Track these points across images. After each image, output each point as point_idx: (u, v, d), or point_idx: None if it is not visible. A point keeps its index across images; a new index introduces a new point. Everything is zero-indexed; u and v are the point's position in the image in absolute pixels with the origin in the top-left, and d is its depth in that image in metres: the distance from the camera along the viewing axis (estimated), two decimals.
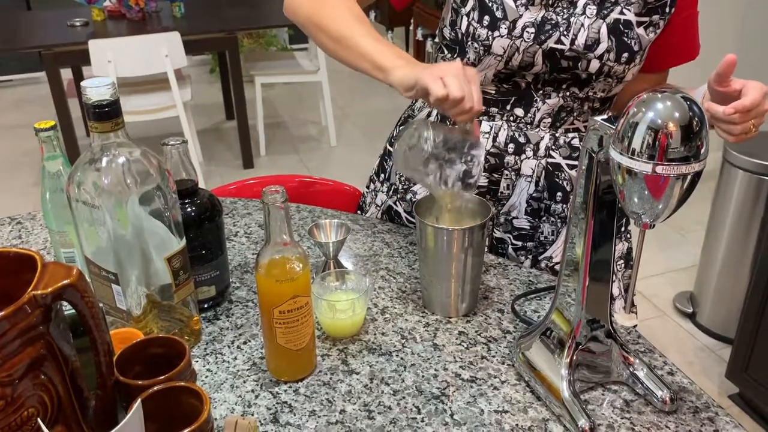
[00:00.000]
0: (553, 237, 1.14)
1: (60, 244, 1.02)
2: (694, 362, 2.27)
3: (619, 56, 1.03)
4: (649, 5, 1.02)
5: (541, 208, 1.13)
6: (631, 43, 1.02)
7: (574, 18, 1.02)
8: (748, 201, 2.17)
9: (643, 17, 1.02)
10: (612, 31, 1.02)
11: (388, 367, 0.88)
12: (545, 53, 1.03)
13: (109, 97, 0.76)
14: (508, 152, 1.11)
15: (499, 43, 1.04)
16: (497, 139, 1.11)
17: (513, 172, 1.12)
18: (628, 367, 0.84)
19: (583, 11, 1.02)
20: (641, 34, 1.03)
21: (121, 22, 3.58)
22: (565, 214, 1.13)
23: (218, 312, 0.99)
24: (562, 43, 1.03)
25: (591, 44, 1.02)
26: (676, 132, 0.63)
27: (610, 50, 1.02)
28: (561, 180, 1.11)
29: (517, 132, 1.10)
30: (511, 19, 1.03)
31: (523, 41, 1.03)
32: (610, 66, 1.03)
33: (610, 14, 1.02)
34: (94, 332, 0.62)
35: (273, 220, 0.78)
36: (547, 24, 1.03)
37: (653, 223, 0.70)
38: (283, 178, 1.55)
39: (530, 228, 1.14)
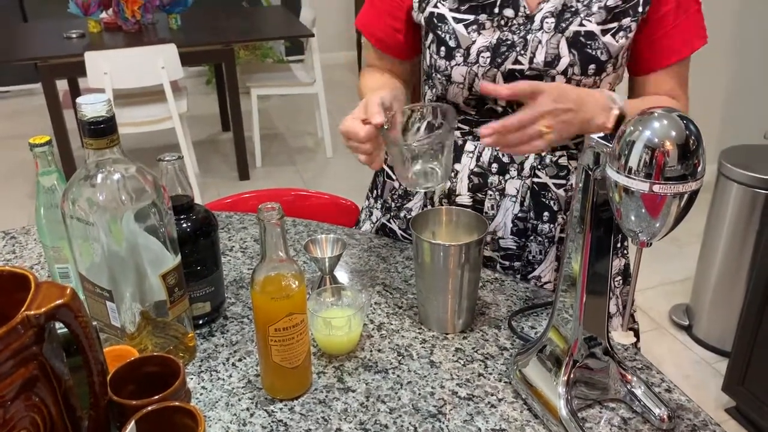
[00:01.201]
0: (541, 257, 1.12)
1: (54, 260, 1.01)
2: (691, 375, 2.27)
3: (585, 69, 1.00)
4: (616, 10, 0.99)
5: (528, 228, 1.11)
6: (596, 53, 0.99)
7: (531, 35, 1.00)
8: (743, 214, 2.18)
9: (608, 24, 0.99)
10: (573, 44, 0.99)
11: (384, 384, 0.87)
12: (505, 75, 1.02)
13: (104, 114, 0.75)
14: (491, 172, 1.10)
15: (458, 71, 1.04)
16: (481, 158, 1.10)
17: (497, 192, 1.10)
18: (626, 385, 0.84)
19: (541, 26, 1.00)
20: (609, 42, 0.99)
21: (117, 34, 3.59)
22: (552, 234, 1.11)
23: (213, 328, 0.99)
24: (520, 63, 1.01)
25: (551, 60, 1.00)
26: (673, 151, 0.63)
27: (573, 64, 0.99)
28: (548, 200, 1.09)
29: (501, 152, 1.09)
30: (464, 46, 1.03)
31: (480, 66, 1.02)
32: (577, 80, 1.00)
33: (569, 27, 0.99)
34: (87, 352, 0.61)
35: (269, 237, 0.78)
36: (502, 45, 1.01)
37: (650, 241, 0.69)
38: (279, 191, 1.55)
39: (517, 248, 1.12)
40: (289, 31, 3.93)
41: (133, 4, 3.49)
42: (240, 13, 4.39)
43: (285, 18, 4.11)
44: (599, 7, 0.99)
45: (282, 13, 4.25)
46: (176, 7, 3.63)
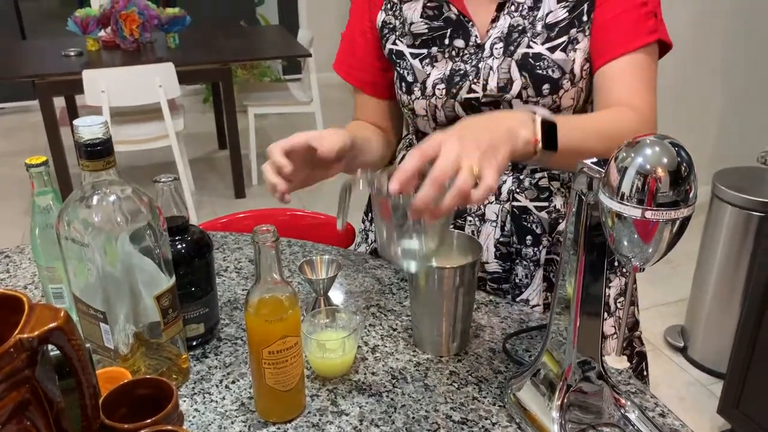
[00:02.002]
0: (528, 280, 1.11)
1: (48, 280, 1.01)
2: (686, 397, 2.26)
3: (539, 90, 0.98)
4: (560, 25, 0.98)
5: (512, 252, 1.10)
6: (547, 72, 0.98)
7: (483, 62, 1.01)
8: (737, 236, 2.19)
9: (556, 40, 0.98)
10: (522, 66, 0.98)
11: (378, 408, 0.87)
12: (462, 105, 1.03)
13: (101, 136, 0.76)
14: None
15: (419, 104, 1.06)
16: None
17: (477, 217, 1.10)
18: (620, 409, 0.84)
19: (491, 53, 1.00)
20: (559, 59, 0.97)
21: (115, 52, 3.61)
22: (537, 257, 1.09)
23: (207, 350, 0.98)
24: (474, 92, 1.01)
25: (504, 86, 0.99)
26: (665, 177, 0.64)
27: (526, 87, 0.98)
28: (530, 223, 1.08)
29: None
30: (420, 80, 1.05)
31: (437, 98, 1.04)
32: (533, 101, 0.99)
33: (518, 49, 0.99)
34: (80, 375, 0.61)
35: (263, 259, 0.78)
36: (455, 76, 1.02)
37: (643, 266, 0.70)
38: (275, 211, 1.55)
39: (503, 271, 1.11)
40: (286, 51, 3.96)
41: (131, 23, 3.52)
42: (238, 32, 4.42)
43: (282, 37, 4.14)
44: (542, 26, 0.98)
45: (279, 33, 4.28)
46: (174, 26, 3.66)
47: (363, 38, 1.14)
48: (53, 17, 5.51)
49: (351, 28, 1.16)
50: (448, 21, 1.04)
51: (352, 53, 1.16)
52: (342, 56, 1.19)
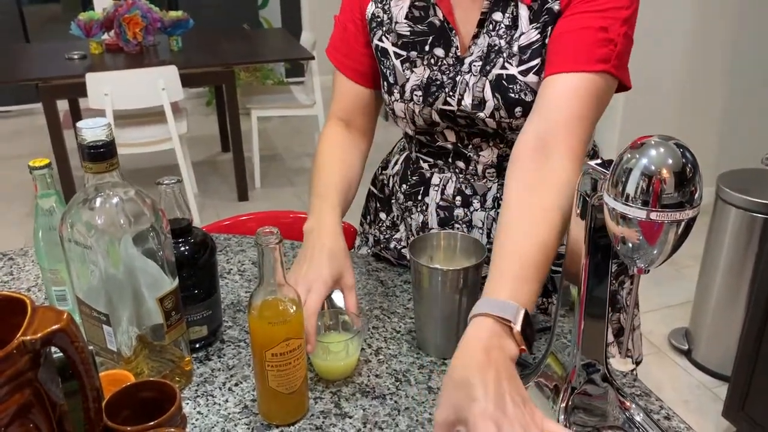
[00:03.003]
0: None
1: (51, 282, 1.01)
2: (690, 400, 2.25)
3: (511, 112, 0.96)
4: (533, 47, 0.94)
5: None
6: (520, 96, 0.95)
7: (460, 77, 0.99)
8: (741, 238, 2.18)
9: (529, 62, 0.94)
10: (495, 87, 0.96)
11: (381, 410, 0.87)
12: (439, 114, 1.02)
13: (104, 138, 0.76)
14: (456, 205, 1.09)
15: (398, 107, 1.06)
16: (445, 191, 1.09)
17: (464, 224, 1.09)
18: (625, 412, 0.83)
19: (469, 69, 0.98)
20: (531, 81, 0.94)
21: (118, 55, 3.61)
22: None
23: (210, 352, 0.98)
24: (449, 104, 1.00)
25: (478, 104, 0.97)
26: (670, 178, 0.64)
27: (498, 108, 0.96)
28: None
29: (464, 184, 1.08)
30: (400, 83, 1.04)
31: (415, 104, 1.03)
32: (506, 123, 0.97)
33: (492, 70, 0.96)
34: (83, 378, 0.61)
35: (267, 262, 0.78)
36: (432, 85, 1.01)
37: (648, 268, 0.69)
38: (278, 213, 1.55)
39: None
40: (289, 54, 3.96)
41: (134, 26, 3.53)
42: (241, 35, 4.43)
43: (285, 40, 4.14)
44: (518, 47, 0.95)
45: (282, 36, 4.29)
46: (177, 29, 3.67)
47: (353, 25, 1.11)
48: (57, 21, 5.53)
49: (343, 13, 1.13)
50: (432, 27, 1.01)
51: (343, 39, 1.13)
52: (334, 42, 1.15)
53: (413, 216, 1.14)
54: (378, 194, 1.24)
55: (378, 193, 1.24)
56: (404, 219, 1.17)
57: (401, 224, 1.19)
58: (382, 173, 1.24)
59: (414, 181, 1.14)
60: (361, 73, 1.14)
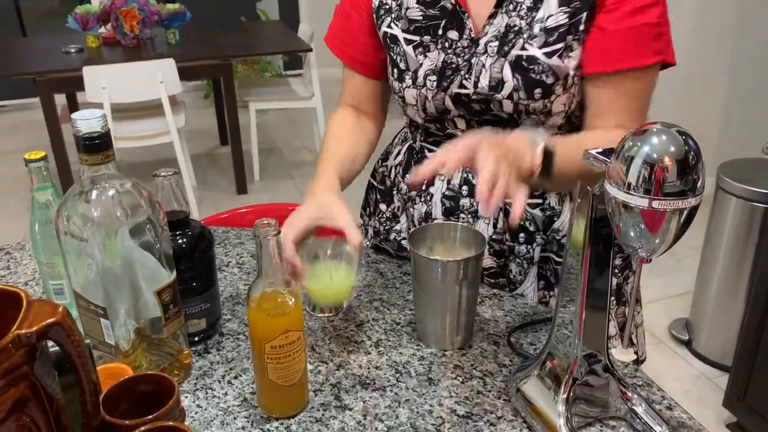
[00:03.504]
0: (521, 277, 1.10)
1: (49, 276, 1.00)
2: (691, 390, 2.25)
3: (531, 93, 0.95)
4: (560, 30, 0.94)
5: (504, 249, 1.08)
6: (541, 77, 0.95)
7: (476, 59, 0.98)
8: (742, 228, 2.18)
9: (553, 46, 0.94)
10: (515, 68, 0.95)
11: (381, 402, 0.86)
12: (452, 99, 1.01)
13: (99, 129, 0.75)
14: (462, 195, 1.08)
15: (410, 93, 1.04)
16: (451, 181, 1.08)
17: (470, 214, 1.08)
18: (626, 402, 0.83)
19: (485, 50, 0.97)
20: (555, 64, 0.94)
21: (116, 48, 3.60)
22: (530, 255, 1.08)
23: (209, 345, 0.97)
24: (465, 88, 0.99)
25: (495, 85, 0.96)
26: (672, 166, 0.63)
27: (517, 89, 0.95)
28: (522, 221, 1.06)
29: (471, 174, 1.06)
30: (413, 68, 1.03)
31: (428, 89, 1.02)
32: (524, 104, 0.96)
33: (512, 51, 0.96)
34: (80, 371, 0.60)
35: (265, 253, 0.77)
36: (447, 69, 1.00)
37: (650, 257, 0.69)
38: (277, 206, 1.54)
39: (498, 267, 1.10)
40: (287, 46, 3.95)
41: (131, 19, 3.51)
42: (238, 27, 4.41)
43: (283, 33, 4.13)
44: (540, 29, 0.95)
45: (280, 28, 4.27)
46: (175, 22, 3.65)
47: (357, 13, 1.10)
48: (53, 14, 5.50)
49: (344, 2, 1.12)
50: (444, 10, 1.01)
51: (345, 28, 1.12)
52: (334, 30, 1.14)
53: (416, 206, 1.13)
54: (378, 186, 1.23)
55: (378, 185, 1.23)
56: (406, 210, 1.16)
57: (402, 215, 1.18)
58: (382, 165, 1.23)
59: None
60: (363, 63, 1.13)
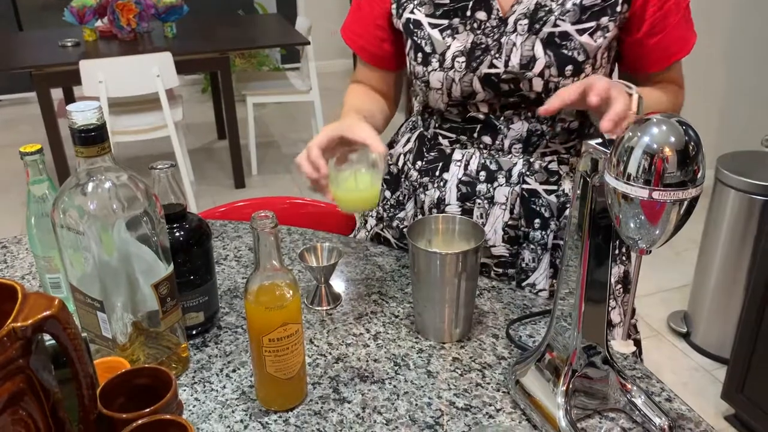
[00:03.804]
0: (535, 264, 1.10)
1: (45, 270, 1.00)
2: (689, 383, 2.26)
3: (562, 70, 0.97)
4: (594, 8, 0.96)
5: (519, 235, 1.09)
6: (572, 54, 0.97)
7: (506, 38, 0.99)
8: (740, 220, 2.17)
9: (585, 23, 0.96)
10: (547, 45, 0.97)
11: (380, 395, 0.86)
12: (481, 80, 1.01)
13: (95, 122, 0.74)
14: (479, 180, 1.08)
15: (435, 77, 1.04)
16: (469, 167, 1.09)
17: (486, 200, 1.08)
18: (626, 394, 0.83)
19: (515, 29, 0.98)
20: (586, 42, 0.96)
21: (112, 42, 3.58)
22: (545, 241, 1.09)
23: (207, 338, 0.97)
24: (495, 67, 0.99)
25: (527, 63, 0.98)
26: (672, 157, 0.62)
27: (549, 66, 0.97)
28: (538, 207, 1.07)
29: (489, 159, 1.08)
30: (439, 51, 1.03)
31: (456, 71, 1.02)
32: (555, 82, 0.98)
33: (543, 28, 0.97)
34: (76, 365, 0.59)
35: (262, 246, 0.76)
36: (476, 49, 1.00)
37: (650, 248, 0.68)
38: (274, 199, 1.54)
39: (510, 255, 1.11)
40: (284, 39, 3.93)
41: (128, 13, 3.49)
42: (235, 21, 4.39)
43: (280, 26, 4.11)
44: (573, 4, 0.96)
45: (277, 21, 4.25)
46: (172, 15, 3.63)
47: (368, 5, 1.12)
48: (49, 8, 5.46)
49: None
50: None
51: (357, 19, 1.16)
52: (349, 20, 1.18)
53: (428, 192, 1.13)
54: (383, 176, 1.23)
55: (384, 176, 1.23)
56: (416, 196, 1.16)
57: (408, 202, 1.18)
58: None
59: (431, 157, 1.13)
60: (371, 53, 1.15)
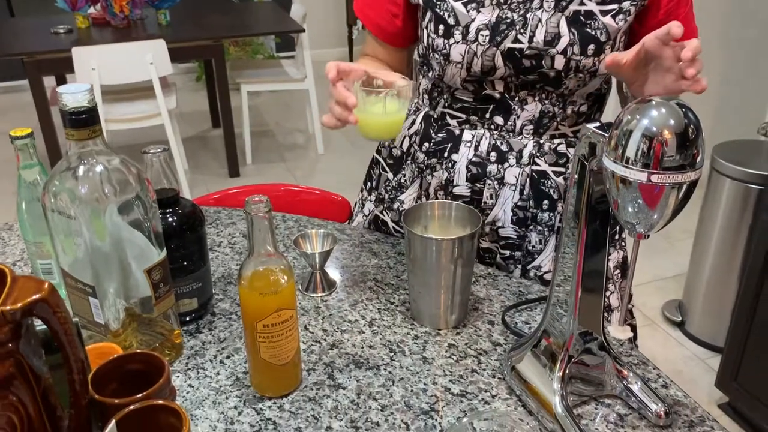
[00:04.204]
0: (541, 246, 1.11)
1: (37, 256, 0.99)
2: (683, 371, 2.26)
3: (584, 49, 0.98)
4: None
5: (528, 217, 1.10)
6: (596, 33, 0.98)
7: (531, 13, 0.99)
8: (735, 209, 2.17)
9: (609, 5, 0.98)
10: (572, 23, 0.98)
11: (375, 381, 0.85)
12: (504, 55, 1.01)
13: (86, 104, 0.73)
14: (490, 161, 1.09)
15: (456, 50, 1.03)
16: (479, 147, 1.09)
17: (496, 181, 1.09)
18: (622, 381, 0.82)
19: (540, 5, 0.99)
20: (608, 23, 0.98)
21: (105, 29, 3.55)
22: (552, 222, 1.10)
23: (200, 325, 0.96)
24: (519, 42, 1.00)
25: (551, 40, 0.98)
26: (672, 140, 0.62)
27: (572, 44, 0.98)
28: (547, 188, 1.09)
29: (500, 140, 1.08)
30: (463, 24, 1.02)
31: (479, 45, 1.01)
32: (576, 60, 0.99)
33: (569, 5, 0.98)
34: (66, 349, 0.59)
35: (256, 231, 0.76)
36: (502, 24, 1.00)
37: (648, 233, 0.68)
38: (269, 187, 1.53)
39: (517, 237, 1.11)
40: (279, 27, 3.90)
41: (121, 0, 3.45)
42: (230, 8, 4.35)
43: (275, 13, 4.08)
44: None
45: (272, 9, 4.22)
46: (165, 2, 3.60)
47: None
48: None
49: None
50: None
51: None
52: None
53: (436, 173, 1.13)
54: (386, 159, 1.23)
55: (386, 158, 1.23)
56: (422, 178, 1.15)
57: (412, 185, 1.18)
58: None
59: (439, 139, 1.12)
60: (383, 29, 1.14)
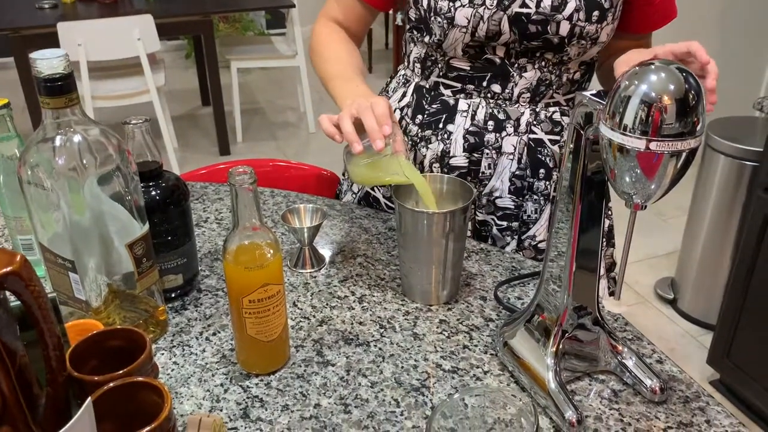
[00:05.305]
0: (536, 215, 1.10)
1: (17, 231, 0.96)
2: (676, 348, 2.26)
3: (590, 15, 0.98)
4: None
5: (524, 186, 1.09)
6: (601, 0, 0.98)
7: None
8: (729, 186, 2.16)
9: None
10: None
11: (365, 358, 0.83)
12: (511, 19, 0.99)
13: (61, 70, 0.70)
14: (488, 130, 1.07)
15: (462, 13, 1.00)
16: (476, 117, 1.07)
17: (494, 150, 1.07)
18: (617, 356, 0.81)
19: None
20: None
21: (91, 4, 3.48)
22: (547, 191, 1.09)
23: (186, 302, 0.94)
24: (527, 7, 0.98)
25: (558, 5, 0.98)
26: (671, 106, 0.59)
27: (579, 9, 0.98)
28: (543, 156, 1.08)
29: (496, 109, 1.06)
30: None
31: (486, 8, 0.99)
32: (581, 26, 0.99)
33: None
34: (41, 324, 0.56)
35: (241, 204, 0.73)
36: None
37: (645, 203, 0.66)
38: (257, 162, 1.50)
39: (514, 207, 1.10)
40: (269, 2, 3.83)
41: None
42: None
43: None
44: None
45: None
46: None
47: None
48: None
49: None
50: None
51: None
52: None
53: (431, 146, 1.11)
54: None
55: None
56: (416, 151, 1.13)
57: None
58: None
59: (433, 110, 1.10)
60: None
